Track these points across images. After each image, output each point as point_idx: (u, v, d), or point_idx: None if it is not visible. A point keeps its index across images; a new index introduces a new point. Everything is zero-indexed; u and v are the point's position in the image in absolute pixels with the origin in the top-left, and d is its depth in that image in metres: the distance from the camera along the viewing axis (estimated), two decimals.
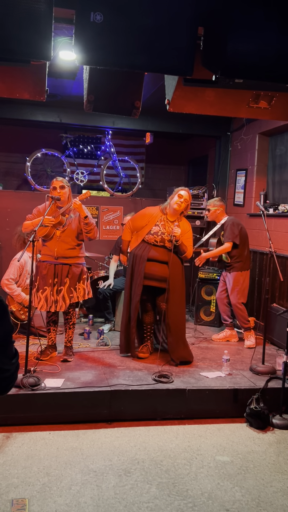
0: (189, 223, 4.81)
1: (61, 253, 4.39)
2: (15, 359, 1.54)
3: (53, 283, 4.38)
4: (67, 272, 4.40)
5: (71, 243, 4.42)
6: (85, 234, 4.39)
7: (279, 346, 5.31)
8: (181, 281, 4.70)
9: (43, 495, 2.81)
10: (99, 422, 3.78)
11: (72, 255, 4.43)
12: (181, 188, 4.72)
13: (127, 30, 2.88)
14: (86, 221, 4.30)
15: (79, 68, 5.13)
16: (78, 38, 2.85)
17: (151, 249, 4.65)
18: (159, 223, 4.67)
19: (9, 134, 8.51)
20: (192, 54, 3.01)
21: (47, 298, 4.36)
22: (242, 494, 2.94)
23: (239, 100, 3.73)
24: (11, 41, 2.78)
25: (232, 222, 5.36)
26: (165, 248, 4.62)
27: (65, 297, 4.38)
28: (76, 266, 4.45)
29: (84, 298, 4.50)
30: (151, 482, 3.00)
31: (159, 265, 4.62)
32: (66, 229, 4.41)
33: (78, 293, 4.44)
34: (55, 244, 4.40)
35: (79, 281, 4.46)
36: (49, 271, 4.40)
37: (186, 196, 4.61)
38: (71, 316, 4.55)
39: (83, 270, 4.52)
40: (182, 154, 9.71)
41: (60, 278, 4.39)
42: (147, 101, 5.63)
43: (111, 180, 8.07)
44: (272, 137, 6.54)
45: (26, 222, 4.44)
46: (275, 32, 2.99)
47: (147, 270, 4.63)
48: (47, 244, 4.45)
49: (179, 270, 4.69)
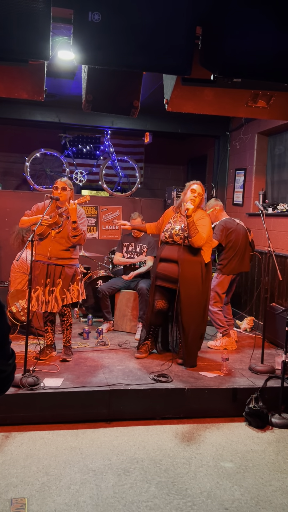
0: (207, 215, 4.62)
1: (54, 254, 4.38)
2: (11, 360, 1.53)
3: (45, 283, 4.38)
4: (59, 273, 4.39)
5: (65, 245, 4.41)
6: (71, 238, 4.34)
7: (278, 345, 5.31)
8: (197, 281, 4.43)
9: (42, 494, 2.81)
10: (98, 422, 3.78)
11: (65, 256, 4.42)
12: (193, 182, 4.56)
13: (125, 29, 2.89)
14: (74, 226, 4.26)
15: (78, 68, 5.14)
16: (76, 37, 2.85)
17: (164, 248, 4.57)
18: (171, 220, 4.63)
19: (8, 134, 8.52)
20: (190, 54, 3.01)
21: (38, 298, 4.36)
22: (241, 493, 2.94)
23: (237, 99, 3.74)
24: (9, 41, 2.78)
25: (224, 223, 5.22)
26: (176, 245, 4.47)
27: (57, 298, 4.37)
28: (69, 267, 4.44)
29: (78, 299, 4.48)
30: (150, 481, 3.01)
31: (171, 265, 4.48)
32: (62, 230, 4.40)
33: (72, 294, 4.42)
34: (49, 244, 4.39)
35: (73, 282, 4.44)
36: (42, 271, 4.39)
37: (199, 190, 4.48)
38: (67, 318, 4.54)
39: (76, 271, 4.50)
40: (181, 154, 9.72)
41: (53, 278, 4.38)
42: (146, 101, 5.63)
43: (110, 180, 8.08)
44: (271, 137, 6.55)
45: (23, 218, 4.44)
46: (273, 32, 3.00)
47: (159, 270, 4.58)
48: (41, 243, 4.45)
49: (195, 269, 4.42)
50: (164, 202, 7.90)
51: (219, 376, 4.28)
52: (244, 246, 5.26)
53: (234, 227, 5.24)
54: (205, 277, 4.49)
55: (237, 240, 5.20)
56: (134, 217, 5.81)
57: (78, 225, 4.28)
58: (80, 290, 4.50)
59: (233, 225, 5.25)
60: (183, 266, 4.40)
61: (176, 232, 4.47)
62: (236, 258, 5.20)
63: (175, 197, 7.38)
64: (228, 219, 5.34)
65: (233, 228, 5.22)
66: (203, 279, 4.46)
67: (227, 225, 5.22)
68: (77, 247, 4.56)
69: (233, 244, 5.18)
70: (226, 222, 5.26)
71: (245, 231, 5.29)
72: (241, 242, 5.22)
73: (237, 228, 5.25)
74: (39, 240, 4.48)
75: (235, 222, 5.30)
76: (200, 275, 4.44)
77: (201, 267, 4.45)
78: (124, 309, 5.77)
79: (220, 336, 5.26)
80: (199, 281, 4.44)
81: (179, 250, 4.43)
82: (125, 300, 5.76)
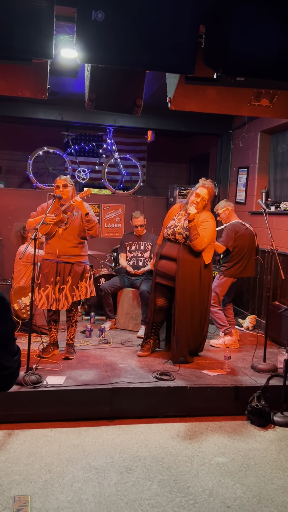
0: (212, 217, 4.52)
1: (63, 252, 4.39)
2: (17, 356, 1.55)
3: (55, 282, 4.39)
4: (69, 271, 4.41)
5: (73, 241, 4.42)
6: (87, 232, 4.39)
7: (280, 344, 5.31)
8: (195, 281, 4.44)
9: (45, 492, 2.82)
10: (100, 420, 3.79)
11: (74, 254, 4.43)
12: (201, 183, 4.46)
13: (129, 28, 2.88)
14: (87, 218, 4.30)
15: (81, 66, 5.14)
16: (79, 36, 2.84)
17: (165, 245, 4.56)
18: (176, 217, 4.60)
19: (11, 132, 8.53)
20: (193, 52, 3.00)
21: (48, 296, 4.37)
22: (243, 491, 2.94)
23: (240, 98, 3.72)
24: (13, 39, 2.78)
25: (232, 227, 5.17)
26: (177, 243, 4.47)
27: (68, 296, 4.39)
28: (78, 264, 4.45)
29: (87, 296, 4.50)
30: (152, 479, 3.01)
31: (170, 263, 4.49)
32: (68, 227, 4.42)
33: (80, 291, 4.44)
34: (57, 242, 4.40)
35: (82, 279, 4.46)
36: (51, 270, 4.40)
37: (204, 194, 4.40)
38: (74, 314, 4.56)
39: (85, 268, 4.51)
40: (183, 152, 9.70)
41: (63, 276, 4.40)
42: (148, 99, 5.63)
43: (112, 178, 8.08)
44: (273, 135, 6.54)
45: (29, 220, 4.46)
46: (277, 30, 2.98)
47: (159, 268, 4.58)
48: (49, 242, 4.46)
49: (194, 269, 4.42)
50: (166, 200, 7.89)
51: (221, 375, 4.29)
52: (251, 251, 5.21)
53: (243, 231, 5.19)
54: (203, 277, 4.48)
55: (244, 245, 5.16)
56: (136, 216, 5.80)
57: (90, 216, 4.30)
58: (89, 288, 4.51)
59: (241, 229, 5.20)
60: (181, 265, 4.41)
61: (179, 230, 4.47)
62: (241, 262, 5.16)
63: (178, 195, 7.37)
64: (237, 223, 5.27)
65: (241, 233, 5.17)
66: (201, 279, 4.46)
67: (235, 229, 5.17)
68: (86, 245, 4.57)
69: (240, 249, 5.14)
70: (235, 226, 5.20)
71: (253, 236, 5.24)
72: (248, 247, 5.18)
73: (246, 233, 5.20)
74: (46, 240, 4.49)
75: (244, 226, 5.24)
76: (198, 275, 4.45)
77: (200, 267, 4.45)
78: (127, 307, 5.78)
79: (222, 335, 5.26)
80: (197, 281, 4.45)
81: (180, 249, 4.44)
82: (128, 299, 5.77)
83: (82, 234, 4.46)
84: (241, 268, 5.18)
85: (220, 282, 5.21)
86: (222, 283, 5.21)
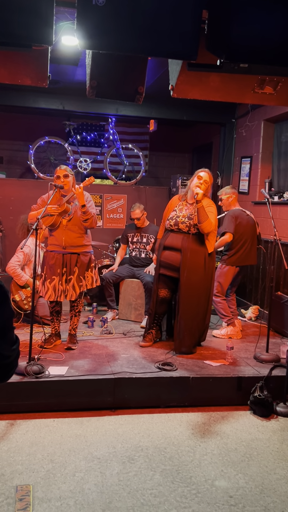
0: (214, 204, 4.53)
1: (69, 242, 4.37)
2: (15, 346, 1.53)
3: (61, 273, 4.37)
4: (75, 261, 4.39)
5: (78, 231, 4.40)
6: (83, 223, 4.36)
7: (283, 334, 5.30)
8: (199, 270, 4.41)
9: (47, 481, 2.82)
10: (103, 410, 3.79)
11: (80, 244, 4.41)
12: (200, 170, 4.51)
13: (130, 13, 2.83)
14: (84, 209, 4.25)
15: (82, 54, 5.08)
16: (80, 22, 2.79)
17: (168, 236, 4.54)
18: (177, 208, 4.58)
19: (12, 121, 8.47)
20: (196, 38, 2.95)
21: (55, 288, 4.36)
22: (245, 481, 2.94)
23: (244, 85, 3.67)
24: (12, 25, 2.73)
25: (233, 213, 5.15)
26: (181, 233, 4.45)
27: (75, 286, 4.38)
28: (84, 254, 4.44)
29: (92, 286, 4.50)
30: (154, 469, 3.01)
31: (174, 253, 4.47)
32: (72, 217, 4.38)
33: (86, 281, 4.44)
34: (62, 233, 4.37)
35: (87, 269, 4.45)
36: (57, 261, 4.38)
37: (206, 177, 4.43)
38: (78, 304, 4.55)
39: (91, 258, 4.51)
40: (186, 142, 9.63)
41: (69, 267, 4.38)
42: (151, 88, 5.55)
43: (114, 168, 8.03)
44: (277, 124, 6.47)
45: (31, 213, 4.41)
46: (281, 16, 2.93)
47: (163, 258, 4.56)
48: (54, 234, 4.42)
49: (198, 258, 4.41)
50: (169, 190, 7.85)
51: (223, 365, 4.28)
52: (252, 238, 5.19)
53: (243, 218, 5.17)
54: (207, 266, 4.47)
55: (245, 232, 5.14)
56: (133, 209, 5.73)
57: (87, 208, 4.27)
58: (94, 277, 4.52)
59: (242, 215, 5.18)
60: (186, 254, 4.39)
61: (182, 220, 4.44)
62: (242, 249, 5.14)
63: (180, 185, 7.33)
64: (238, 209, 5.25)
65: (241, 219, 5.15)
66: (205, 268, 4.45)
67: (235, 214, 5.15)
68: (89, 234, 4.55)
69: (241, 235, 5.12)
70: (235, 212, 5.18)
71: (254, 223, 5.22)
72: (248, 234, 5.15)
73: (246, 220, 5.18)
74: (51, 231, 4.46)
75: (245, 213, 5.22)
76: (203, 264, 4.43)
77: (204, 256, 4.44)
78: (129, 298, 5.77)
79: (225, 325, 5.25)
80: (201, 270, 4.43)
81: (184, 239, 4.41)
82: (130, 289, 5.75)
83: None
84: (243, 256, 5.15)
85: (222, 271, 5.18)
86: (225, 272, 5.18)
